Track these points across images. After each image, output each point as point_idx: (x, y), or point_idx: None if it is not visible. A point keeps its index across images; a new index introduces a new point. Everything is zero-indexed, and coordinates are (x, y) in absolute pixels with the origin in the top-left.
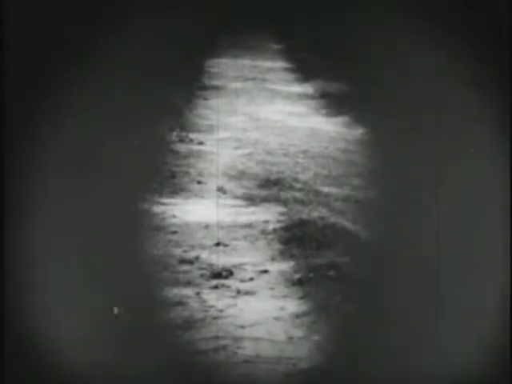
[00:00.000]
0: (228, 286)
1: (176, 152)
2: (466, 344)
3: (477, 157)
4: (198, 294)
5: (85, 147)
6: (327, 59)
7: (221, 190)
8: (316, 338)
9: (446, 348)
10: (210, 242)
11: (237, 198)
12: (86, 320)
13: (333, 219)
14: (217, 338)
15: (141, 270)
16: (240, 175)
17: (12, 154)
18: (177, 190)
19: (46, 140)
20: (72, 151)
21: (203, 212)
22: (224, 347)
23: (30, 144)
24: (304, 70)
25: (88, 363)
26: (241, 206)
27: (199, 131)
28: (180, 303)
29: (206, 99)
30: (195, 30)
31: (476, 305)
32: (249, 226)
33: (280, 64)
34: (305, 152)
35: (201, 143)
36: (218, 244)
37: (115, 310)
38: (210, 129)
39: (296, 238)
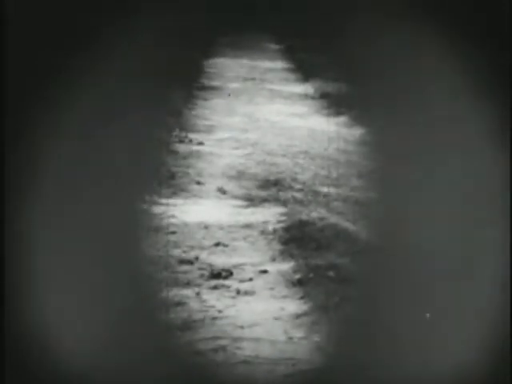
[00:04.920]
0: (227, 287)
1: (175, 152)
2: (465, 344)
3: (477, 156)
4: (197, 294)
5: (84, 147)
6: (327, 59)
7: (220, 190)
8: (316, 338)
9: (446, 348)
10: (209, 242)
11: (236, 198)
12: (85, 320)
13: (332, 220)
14: (216, 338)
15: (140, 270)
16: (239, 176)
17: (12, 152)
18: (176, 191)
19: (45, 139)
20: (71, 151)
21: (203, 212)
22: (223, 348)
23: (29, 143)
24: (304, 70)
25: (87, 363)
26: (240, 206)
27: (198, 131)
28: (179, 303)
29: (205, 99)
30: (194, 30)
31: (476, 305)
32: (248, 226)
33: (279, 64)
34: (304, 152)
35: (200, 143)
36: (217, 244)
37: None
38: (210, 129)
39: (296, 239)
